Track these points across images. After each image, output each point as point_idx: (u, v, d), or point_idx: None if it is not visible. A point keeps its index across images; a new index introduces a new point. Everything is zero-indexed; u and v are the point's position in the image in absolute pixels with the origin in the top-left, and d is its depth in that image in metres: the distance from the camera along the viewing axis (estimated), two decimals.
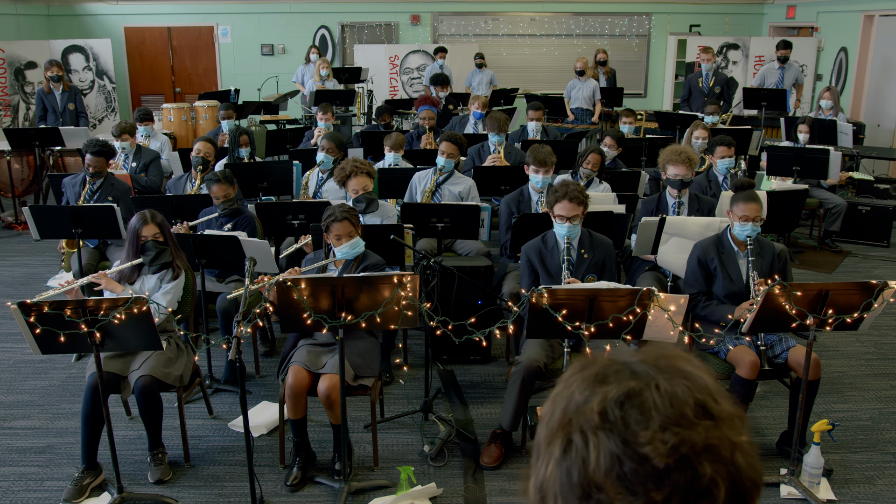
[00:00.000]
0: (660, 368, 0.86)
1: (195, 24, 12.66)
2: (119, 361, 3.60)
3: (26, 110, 10.61)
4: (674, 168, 4.84)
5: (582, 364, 0.91)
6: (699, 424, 0.81)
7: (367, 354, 3.70)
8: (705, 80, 9.37)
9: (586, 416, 0.83)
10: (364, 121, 10.39)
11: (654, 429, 0.80)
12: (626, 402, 0.82)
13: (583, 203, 3.90)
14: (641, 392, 0.83)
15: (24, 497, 3.52)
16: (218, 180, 4.70)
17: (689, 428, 0.80)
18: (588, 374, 0.88)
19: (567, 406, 0.86)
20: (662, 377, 0.84)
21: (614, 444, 0.81)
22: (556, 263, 3.97)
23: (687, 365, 0.87)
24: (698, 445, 0.80)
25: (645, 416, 0.81)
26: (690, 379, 0.85)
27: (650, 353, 0.89)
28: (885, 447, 3.94)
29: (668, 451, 0.79)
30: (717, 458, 0.80)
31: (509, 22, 12.96)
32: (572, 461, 0.83)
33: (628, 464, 0.80)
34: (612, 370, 0.87)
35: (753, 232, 3.82)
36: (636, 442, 0.80)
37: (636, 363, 0.87)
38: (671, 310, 3.30)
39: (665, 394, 0.82)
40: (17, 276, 6.51)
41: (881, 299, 3.31)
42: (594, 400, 0.84)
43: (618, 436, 0.81)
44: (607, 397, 0.83)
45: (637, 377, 0.85)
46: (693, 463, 0.79)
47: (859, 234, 7.47)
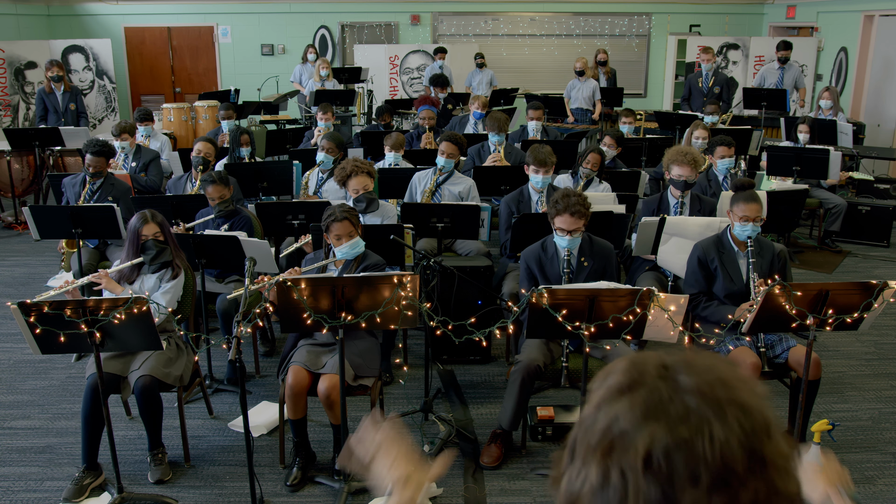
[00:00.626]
0: (716, 403, 0.78)
1: (195, 24, 12.66)
2: (119, 361, 3.60)
3: (26, 110, 10.61)
4: (678, 169, 4.83)
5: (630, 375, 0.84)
6: (749, 482, 0.76)
7: (367, 354, 3.70)
8: (705, 80, 9.37)
9: (629, 456, 0.78)
10: (364, 121, 10.39)
11: (702, 491, 0.75)
12: (674, 452, 0.76)
13: (584, 216, 3.84)
14: (693, 442, 0.76)
15: (24, 497, 3.52)
16: (213, 181, 4.70)
17: (739, 487, 0.75)
18: (638, 399, 0.81)
19: (610, 427, 0.81)
20: (716, 420, 0.77)
21: (655, 494, 0.76)
22: (555, 271, 3.96)
23: (744, 394, 0.80)
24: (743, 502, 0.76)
25: (693, 473, 0.75)
26: (747, 415, 0.78)
27: (706, 378, 0.81)
28: (885, 447, 3.94)
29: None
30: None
31: (509, 22, 12.96)
32: (611, 495, 0.78)
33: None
34: (664, 400, 0.80)
35: (754, 232, 3.82)
36: (679, 499, 0.75)
37: (691, 393, 0.79)
38: (671, 310, 3.30)
39: (717, 445, 0.76)
40: (17, 276, 6.51)
41: (881, 299, 3.31)
42: (640, 439, 0.78)
43: (660, 487, 0.76)
44: (655, 442, 0.77)
45: (689, 420, 0.77)
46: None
47: (859, 234, 7.47)
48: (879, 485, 3.61)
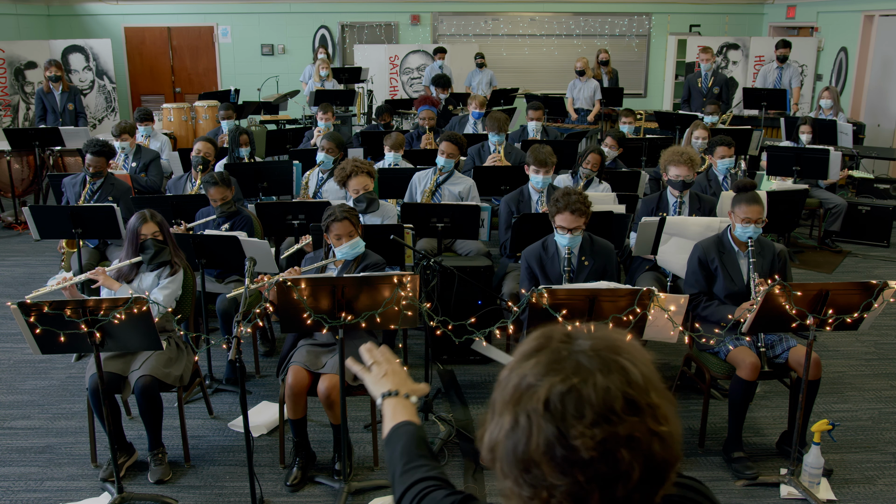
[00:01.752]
0: (603, 360, 0.98)
1: (195, 24, 12.66)
2: (119, 361, 3.60)
3: (26, 110, 10.61)
4: (675, 169, 4.83)
5: (538, 342, 1.04)
6: (626, 420, 0.94)
7: None
8: (704, 80, 9.37)
9: (533, 401, 0.97)
10: (364, 121, 10.39)
11: (586, 424, 0.94)
12: (566, 395, 0.96)
13: (585, 214, 3.86)
14: (581, 388, 0.96)
15: (24, 497, 3.52)
16: (215, 183, 4.69)
17: (616, 424, 0.94)
18: (543, 359, 1.00)
19: (520, 383, 1.00)
20: (601, 373, 0.97)
21: (551, 431, 0.95)
22: (556, 270, 3.96)
23: (627, 356, 0.99)
24: (621, 438, 0.94)
25: (579, 412, 0.95)
26: (627, 373, 0.97)
27: (598, 342, 1.01)
28: (885, 447, 3.94)
29: (594, 445, 0.93)
30: (636, 448, 0.95)
31: (509, 22, 12.96)
32: (518, 437, 0.97)
33: (560, 450, 0.94)
34: (562, 357, 0.99)
35: (755, 233, 3.82)
36: (569, 434, 0.94)
37: (584, 353, 0.99)
38: (671, 310, 3.30)
39: (600, 390, 0.95)
40: (17, 276, 6.51)
41: (881, 299, 3.31)
42: (541, 388, 0.97)
43: (555, 425, 0.95)
44: (553, 389, 0.96)
45: (580, 372, 0.97)
46: (614, 454, 0.94)
47: (859, 234, 7.47)
48: (879, 485, 3.61)
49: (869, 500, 3.50)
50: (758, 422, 4.17)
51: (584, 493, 0.95)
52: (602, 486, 0.95)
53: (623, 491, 0.95)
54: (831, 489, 3.53)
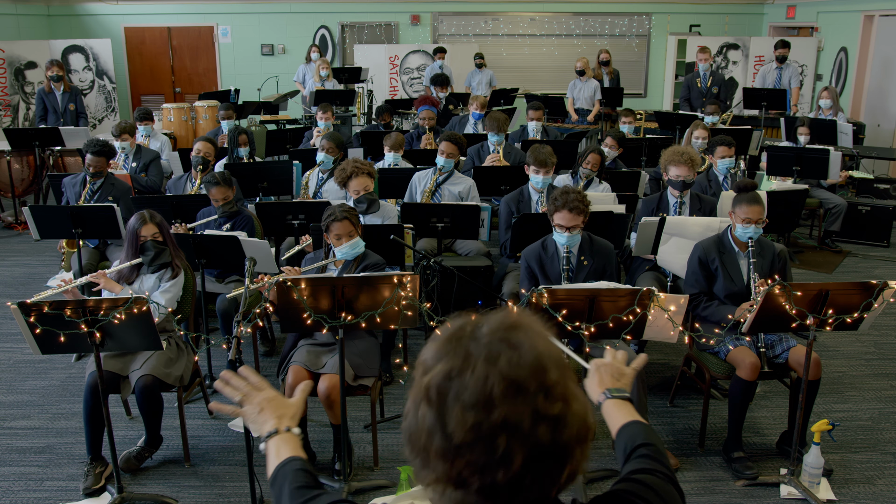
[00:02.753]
0: (491, 346, 0.97)
1: (195, 24, 12.66)
2: (119, 361, 3.60)
3: (26, 110, 10.61)
4: (676, 169, 4.83)
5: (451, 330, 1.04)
6: (503, 404, 0.93)
7: (366, 354, 3.70)
8: (703, 80, 9.37)
9: (420, 386, 1.00)
10: (364, 121, 10.39)
11: (460, 409, 0.94)
12: (445, 381, 0.96)
13: (583, 212, 3.87)
14: (461, 373, 0.96)
15: (24, 497, 3.52)
16: (217, 183, 4.69)
17: (491, 409, 0.93)
18: (438, 345, 1.02)
19: (419, 367, 1.03)
20: (485, 360, 0.96)
21: (431, 418, 0.97)
22: (556, 270, 3.96)
23: (521, 336, 0.99)
24: (496, 422, 0.93)
25: (457, 399, 0.95)
26: (518, 353, 0.97)
27: (496, 324, 1.01)
28: (885, 447, 3.94)
29: (467, 430, 0.93)
30: (515, 432, 0.93)
31: (509, 22, 12.96)
32: (411, 421, 1.01)
33: (439, 437, 0.96)
34: (451, 346, 1.00)
35: (756, 234, 3.82)
36: (444, 420, 0.95)
37: (476, 340, 0.99)
38: (671, 310, 3.30)
39: (478, 378, 0.95)
40: (17, 276, 6.51)
41: (881, 299, 3.31)
42: (429, 374, 0.99)
43: (434, 412, 0.96)
44: (434, 374, 0.98)
45: (466, 356, 0.97)
46: (489, 439, 0.93)
47: (859, 234, 7.47)
48: (879, 485, 3.61)
49: (869, 500, 3.50)
50: (758, 422, 4.17)
51: (461, 478, 0.95)
52: (480, 471, 0.94)
53: (505, 476, 0.94)
54: (831, 489, 3.53)
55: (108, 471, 3.58)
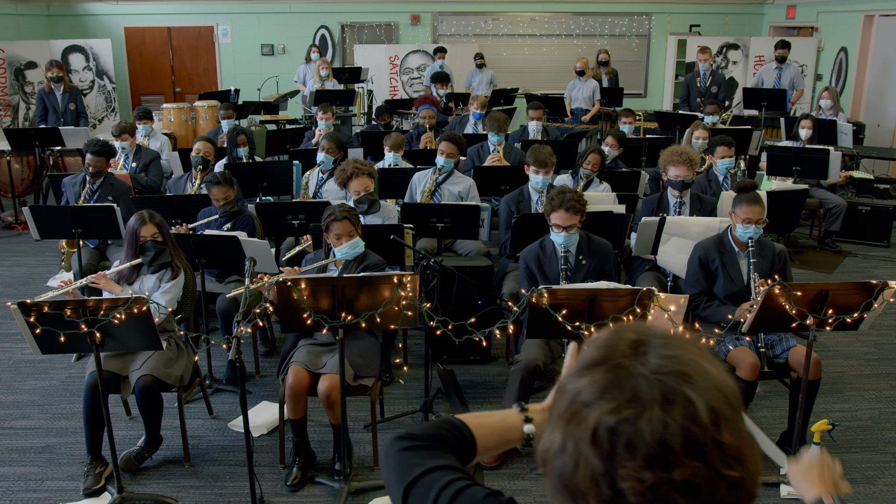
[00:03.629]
0: (665, 389, 0.84)
1: (195, 24, 12.66)
2: (119, 361, 3.60)
3: (26, 110, 10.60)
4: (675, 169, 4.84)
5: (601, 353, 0.90)
6: (685, 464, 0.81)
7: (367, 354, 3.70)
8: (703, 80, 9.37)
9: (581, 427, 0.86)
10: (364, 121, 10.39)
11: (636, 465, 0.82)
12: (617, 428, 0.83)
13: (580, 212, 3.87)
14: (635, 422, 0.83)
15: (24, 497, 3.52)
16: (217, 182, 4.69)
17: (672, 468, 0.81)
18: (600, 377, 0.88)
19: (574, 399, 0.88)
20: (660, 405, 0.83)
21: (598, 466, 0.84)
22: (554, 270, 3.96)
23: (696, 385, 0.85)
24: (677, 483, 0.81)
25: (630, 450, 0.82)
26: (693, 406, 0.83)
27: (667, 363, 0.87)
28: (885, 447, 3.94)
29: (644, 490, 0.81)
30: (695, 494, 0.82)
31: (509, 22, 12.96)
32: (565, 461, 0.87)
33: (606, 489, 0.83)
34: (620, 378, 0.86)
35: (756, 234, 3.82)
36: (616, 473, 0.82)
37: (645, 378, 0.86)
38: (671, 310, 3.30)
39: (656, 428, 0.82)
40: (17, 276, 6.51)
41: (881, 299, 3.31)
42: (592, 414, 0.85)
43: (602, 461, 0.83)
44: (602, 418, 0.84)
45: (637, 401, 0.84)
46: (667, 500, 0.81)
47: (859, 234, 7.47)
48: (879, 485, 3.61)
49: (869, 500, 3.50)
50: (758, 422, 4.13)
51: None
52: None
53: None
54: None
55: (108, 471, 3.58)
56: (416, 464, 1.12)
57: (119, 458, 3.54)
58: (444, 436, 1.19)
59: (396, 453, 1.15)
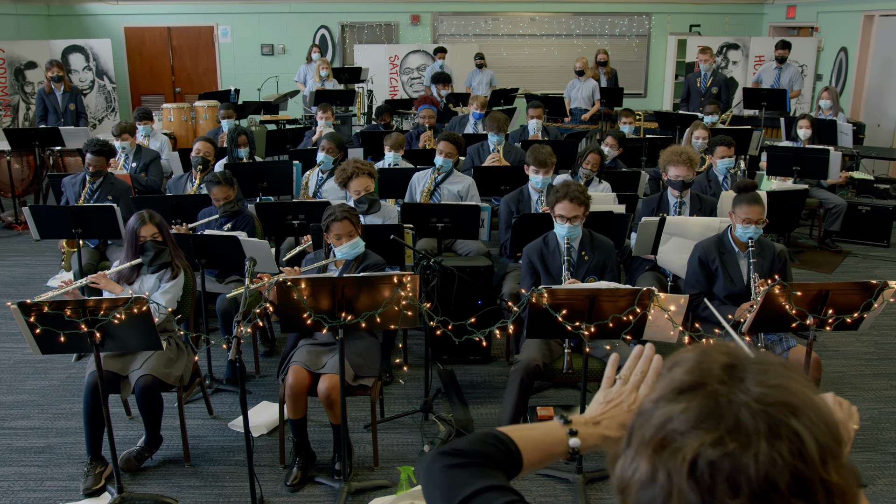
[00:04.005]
0: (771, 421, 0.78)
1: (195, 24, 12.66)
2: (119, 361, 3.60)
3: (26, 110, 10.60)
4: (675, 169, 4.84)
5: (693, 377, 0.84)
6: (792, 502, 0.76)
7: (367, 354, 3.70)
8: (703, 80, 9.37)
9: (677, 458, 0.79)
10: (364, 121, 10.39)
11: (738, 503, 0.76)
12: (719, 463, 0.77)
13: (584, 203, 3.90)
14: (739, 457, 0.77)
15: (24, 497, 3.52)
16: (218, 182, 4.69)
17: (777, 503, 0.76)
18: (696, 404, 0.81)
19: (664, 425, 0.82)
20: (766, 439, 0.77)
21: (694, 500, 0.77)
22: (557, 265, 3.97)
23: (803, 418, 0.80)
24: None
25: (734, 487, 0.76)
26: (801, 441, 0.78)
27: (769, 392, 0.81)
28: (885, 447, 3.94)
29: None
30: None
31: (509, 22, 12.96)
32: (655, 494, 0.80)
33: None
34: (720, 408, 0.80)
35: (756, 234, 3.82)
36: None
37: (748, 407, 0.80)
38: (671, 310, 3.30)
39: (763, 464, 0.76)
40: (17, 276, 6.51)
41: (881, 299, 3.31)
42: (688, 445, 0.79)
43: (700, 495, 0.77)
44: (703, 450, 0.78)
45: (740, 433, 0.78)
46: None
47: (859, 234, 7.47)
48: (879, 485, 3.61)
49: (869, 500, 3.50)
50: None
51: None
52: None
53: None
54: None
55: (108, 471, 3.58)
56: (465, 483, 1.05)
57: (119, 458, 3.54)
58: (490, 451, 1.12)
59: (441, 470, 1.07)
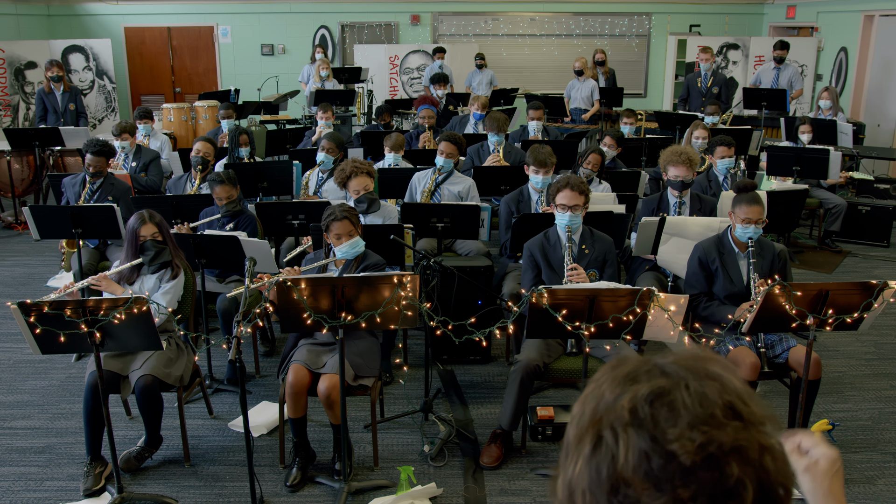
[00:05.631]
0: (690, 369, 0.87)
1: (195, 24, 12.66)
2: (119, 361, 3.60)
3: (26, 110, 10.60)
4: (674, 169, 4.84)
5: (613, 364, 0.92)
6: (728, 425, 0.81)
7: (367, 354, 3.70)
8: (704, 80, 9.37)
9: (617, 412, 0.85)
10: (364, 121, 10.39)
11: (683, 427, 0.81)
12: (655, 399, 0.84)
13: (584, 193, 3.93)
14: (671, 391, 0.84)
15: (24, 497, 3.52)
16: (221, 181, 4.69)
17: (718, 428, 0.81)
18: (619, 373, 0.89)
19: (597, 405, 0.88)
20: (692, 378, 0.85)
21: (643, 440, 0.82)
22: (558, 258, 3.97)
23: (717, 367, 0.88)
24: (726, 445, 0.80)
25: (674, 414, 0.82)
26: (720, 381, 0.85)
27: (682, 355, 0.90)
28: (885, 447, 3.94)
29: (696, 449, 0.80)
30: (745, 459, 0.80)
31: (509, 22, 12.96)
32: (602, 457, 0.84)
33: (656, 460, 0.81)
34: (642, 370, 0.88)
35: (756, 234, 3.82)
36: (664, 439, 0.81)
37: (667, 364, 0.88)
38: (671, 310, 3.30)
39: (695, 393, 0.83)
40: (17, 276, 6.51)
41: (881, 299, 3.31)
42: (625, 397, 0.85)
43: (647, 433, 0.82)
44: (637, 395, 0.85)
45: (667, 376, 0.86)
46: (720, 463, 0.80)
47: (859, 234, 7.47)
48: (879, 485, 3.61)
49: (869, 500, 3.50)
50: None
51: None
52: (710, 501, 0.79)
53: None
54: None
55: (108, 471, 3.58)
56: None
57: (119, 459, 3.54)
58: None
59: None
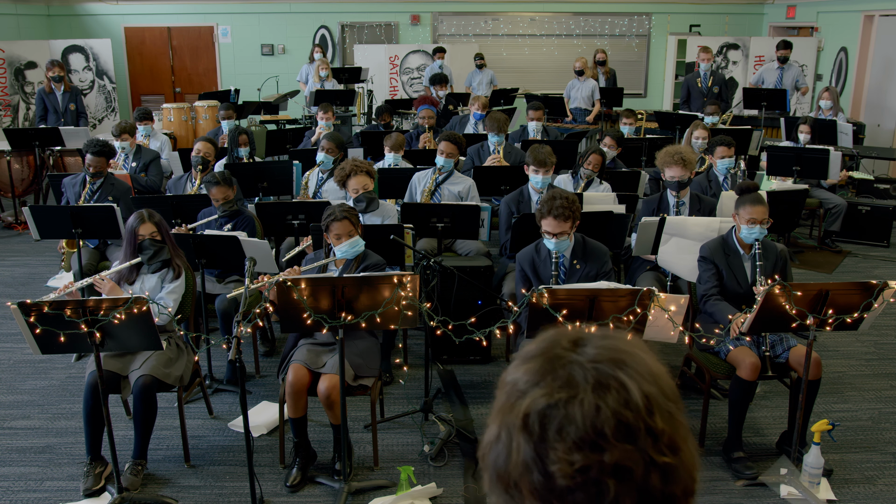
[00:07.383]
0: (599, 375, 0.86)
1: (195, 24, 12.66)
2: (119, 361, 3.60)
3: (26, 110, 10.60)
4: (670, 170, 4.84)
5: (542, 344, 0.92)
6: (615, 447, 0.82)
7: (367, 354, 3.70)
8: (703, 80, 9.37)
9: (515, 413, 0.87)
10: (364, 121, 10.39)
11: (568, 445, 0.82)
12: (548, 413, 0.84)
13: (570, 218, 3.79)
14: (566, 405, 0.84)
15: (24, 497, 3.52)
16: (217, 182, 4.69)
17: (603, 451, 0.82)
18: (537, 365, 0.89)
19: (511, 391, 0.90)
20: (593, 390, 0.84)
21: (528, 452, 0.84)
22: (548, 273, 3.94)
23: (631, 371, 0.87)
24: (608, 466, 0.82)
25: (561, 433, 0.83)
26: (626, 391, 0.85)
27: (602, 352, 0.89)
28: (885, 447, 3.94)
29: (573, 473, 0.82)
30: (627, 478, 0.82)
31: (509, 22, 12.96)
32: (499, 451, 0.88)
33: (537, 475, 0.83)
34: (555, 366, 0.88)
35: (761, 235, 3.81)
36: (546, 457, 0.83)
37: (580, 365, 0.87)
38: (671, 310, 3.30)
39: (588, 411, 0.83)
40: (17, 276, 6.51)
41: (881, 299, 3.31)
42: (524, 401, 0.86)
43: (533, 446, 0.84)
44: (533, 403, 0.85)
45: (569, 385, 0.85)
46: (598, 483, 0.81)
47: (859, 234, 7.47)
48: (879, 485, 3.61)
49: (869, 500, 3.50)
50: (758, 422, 4.16)
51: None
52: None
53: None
54: (831, 489, 3.53)
55: (107, 471, 3.58)
56: None
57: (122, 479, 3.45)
58: None
59: None
